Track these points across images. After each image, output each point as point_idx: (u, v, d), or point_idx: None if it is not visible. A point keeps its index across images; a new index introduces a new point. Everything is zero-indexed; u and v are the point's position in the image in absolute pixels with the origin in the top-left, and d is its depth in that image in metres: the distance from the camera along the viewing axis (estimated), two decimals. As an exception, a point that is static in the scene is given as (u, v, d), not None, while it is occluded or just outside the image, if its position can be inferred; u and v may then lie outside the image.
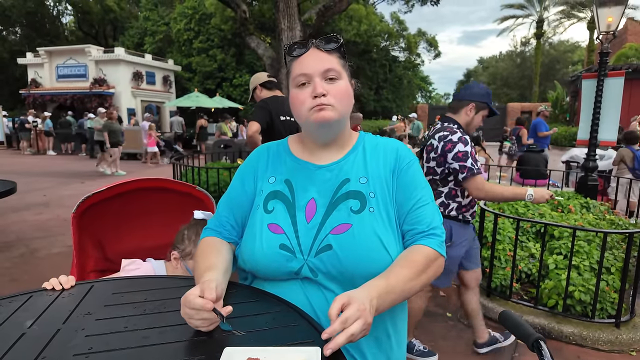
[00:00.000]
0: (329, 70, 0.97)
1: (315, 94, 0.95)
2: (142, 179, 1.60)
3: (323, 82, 0.97)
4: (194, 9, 20.53)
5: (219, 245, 1.06)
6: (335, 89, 0.97)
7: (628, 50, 17.39)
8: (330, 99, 0.96)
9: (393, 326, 1.05)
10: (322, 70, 0.97)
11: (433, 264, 0.96)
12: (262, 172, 1.09)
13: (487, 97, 2.35)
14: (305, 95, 0.97)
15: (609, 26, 4.68)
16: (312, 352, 0.73)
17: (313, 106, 0.96)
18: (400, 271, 0.91)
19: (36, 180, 9.22)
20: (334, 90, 0.97)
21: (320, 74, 0.97)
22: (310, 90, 0.97)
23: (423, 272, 0.93)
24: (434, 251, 0.97)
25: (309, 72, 0.97)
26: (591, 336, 2.68)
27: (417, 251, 0.96)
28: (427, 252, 0.96)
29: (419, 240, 0.99)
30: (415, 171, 1.06)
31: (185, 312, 0.81)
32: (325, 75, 0.97)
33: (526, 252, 3.46)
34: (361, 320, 0.75)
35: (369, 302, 0.79)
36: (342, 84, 0.99)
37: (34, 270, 3.92)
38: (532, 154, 7.22)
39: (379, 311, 0.84)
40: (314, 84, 0.96)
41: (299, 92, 0.98)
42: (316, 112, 0.96)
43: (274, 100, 3.10)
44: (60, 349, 0.76)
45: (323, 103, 0.95)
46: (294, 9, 6.65)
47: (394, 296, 0.88)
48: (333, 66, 0.98)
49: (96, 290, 1.04)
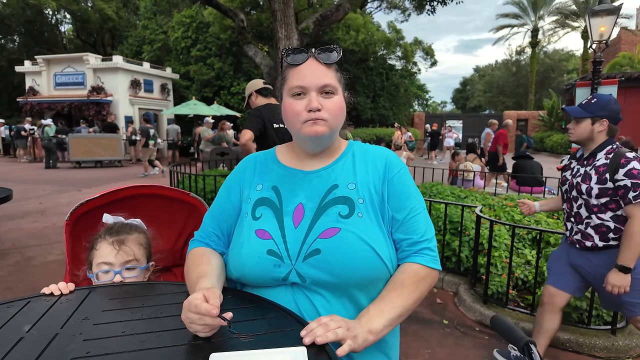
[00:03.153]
0: (325, 86, 0.98)
1: (310, 108, 0.97)
2: (135, 186, 1.60)
3: (319, 97, 0.98)
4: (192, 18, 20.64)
5: (208, 253, 1.06)
6: (330, 104, 0.99)
7: (622, 59, 17.58)
8: (324, 114, 0.98)
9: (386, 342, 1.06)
10: (319, 85, 0.98)
11: (425, 283, 1.00)
12: (249, 180, 1.10)
13: None
14: (300, 107, 0.98)
15: (601, 35, 4.76)
16: (298, 352, 0.74)
17: (307, 119, 0.98)
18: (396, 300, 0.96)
19: (32, 187, 9.19)
20: (329, 105, 0.98)
21: (317, 88, 0.98)
22: (305, 102, 0.98)
23: (416, 295, 0.98)
24: (425, 269, 1.01)
25: (305, 85, 0.98)
26: (587, 343, 2.69)
27: (410, 273, 1.00)
28: (419, 271, 1.00)
29: (411, 257, 1.02)
30: (406, 180, 1.07)
31: (187, 316, 0.81)
32: (322, 90, 0.98)
33: (522, 259, 3.47)
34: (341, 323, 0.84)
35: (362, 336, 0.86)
36: (336, 99, 1.00)
37: (29, 278, 3.90)
38: (527, 161, 7.26)
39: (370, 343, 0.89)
40: (310, 98, 0.97)
41: (294, 102, 0.99)
42: (309, 125, 0.98)
43: (268, 108, 3.12)
44: (58, 353, 0.77)
45: (317, 118, 0.97)
46: (291, 18, 6.71)
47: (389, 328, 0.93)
48: (330, 82, 0.99)
49: (94, 296, 1.04)
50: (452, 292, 3.68)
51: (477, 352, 2.71)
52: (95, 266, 1.31)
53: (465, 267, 3.74)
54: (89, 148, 13.74)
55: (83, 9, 27.34)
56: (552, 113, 21.67)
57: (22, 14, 25.58)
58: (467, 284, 3.59)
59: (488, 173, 7.85)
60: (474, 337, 2.91)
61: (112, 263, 1.29)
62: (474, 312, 3.19)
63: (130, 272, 1.31)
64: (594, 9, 4.83)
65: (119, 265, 1.30)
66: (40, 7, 25.56)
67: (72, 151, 13.48)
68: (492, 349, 2.72)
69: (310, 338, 0.79)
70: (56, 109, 18.12)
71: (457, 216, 3.87)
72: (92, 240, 1.39)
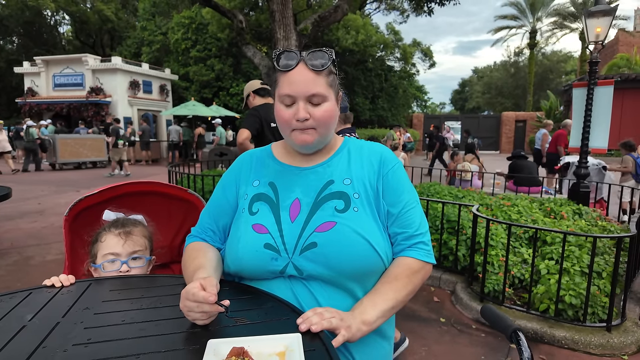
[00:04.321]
0: (314, 96, 0.98)
1: (297, 119, 0.98)
2: (134, 182, 1.61)
3: (307, 106, 0.99)
4: (191, 19, 20.69)
5: (204, 247, 1.08)
6: (319, 113, 0.99)
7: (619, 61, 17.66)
8: (312, 123, 0.99)
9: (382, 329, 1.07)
10: (307, 95, 0.98)
11: (418, 277, 1.04)
12: (246, 177, 1.12)
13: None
14: (289, 115, 0.99)
15: (597, 36, 4.79)
16: (293, 338, 0.76)
17: (295, 128, 1.00)
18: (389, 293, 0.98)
19: (31, 188, 9.20)
20: (318, 114, 0.99)
21: (306, 97, 0.98)
22: (294, 111, 0.99)
23: (409, 288, 1.01)
24: (419, 263, 1.04)
25: (293, 95, 0.98)
26: (583, 340, 2.71)
27: (404, 267, 1.03)
28: (412, 265, 1.03)
29: (406, 251, 1.05)
30: (400, 175, 1.09)
31: (185, 304, 0.83)
32: (310, 99, 0.98)
33: (519, 258, 3.49)
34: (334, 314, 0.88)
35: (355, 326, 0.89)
36: (326, 106, 1.00)
37: (27, 277, 3.91)
38: (523, 162, 7.28)
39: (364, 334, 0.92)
40: (298, 108, 0.98)
41: (284, 110, 1.00)
42: (298, 134, 1.00)
43: (265, 108, 3.15)
44: (60, 339, 0.79)
45: (305, 127, 0.99)
46: (289, 19, 6.74)
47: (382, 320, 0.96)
48: (318, 90, 0.98)
49: (94, 287, 1.07)
50: (449, 291, 3.70)
51: (474, 350, 2.74)
52: (101, 257, 1.33)
53: (462, 265, 3.76)
54: (75, 149, 13.78)
55: (82, 10, 27.37)
56: (550, 114, 21.74)
57: (21, 15, 25.60)
58: (464, 282, 3.61)
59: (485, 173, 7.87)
60: (470, 335, 2.93)
61: (118, 253, 1.32)
62: (471, 310, 3.22)
63: (136, 261, 1.34)
64: (590, 9, 4.86)
65: (125, 255, 1.32)
66: (39, 8, 25.58)
67: (60, 152, 13.48)
68: (488, 346, 2.75)
69: (306, 325, 0.82)
70: (55, 110, 18.13)
71: (454, 215, 3.89)
72: (95, 233, 1.42)
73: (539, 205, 4.71)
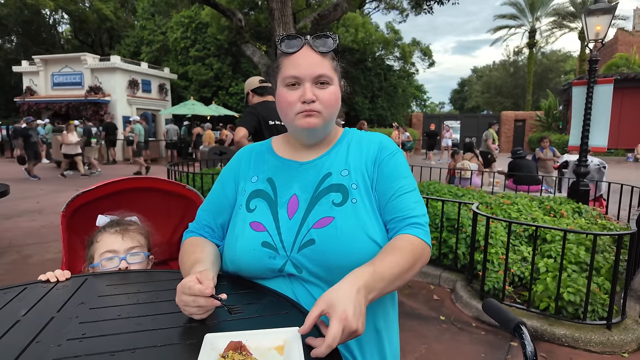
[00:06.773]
0: (321, 76, 0.96)
1: (304, 100, 0.95)
2: (131, 178, 1.60)
3: (313, 87, 0.96)
4: (190, 18, 20.67)
5: (202, 242, 1.06)
6: (325, 95, 0.96)
7: (618, 60, 17.69)
8: (318, 105, 0.96)
9: (385, 321, 1.04)
10: (314, 76, 0.95)
11: (419, 252, 0.92)
12: (244, 172, 1.09)
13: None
14: (294, 97, 0.96)
15: (597, 34, 4.78)
16: (292, 332, 0.75)
17: (301, 111, 0.96)
18: (387, 257, 0.87)
19: (29, 187, 9.17)
20: (324, 96, 0.96)
21: (312, 78, 0.95)
22: (299, 93, 0.96)
23: (410, 258, 0.89)
24: (418, 239, 0.93)
25: (300, 75, 0.95)
26: (583, 338, 2.70)
27: (402, 239, 0.93)
28: (412, 239, 0.92)
29: (403, 229, 0.95)
30: (398, 161, 1.04)
31: (181, 299, 0.81)
32: (317, 80, 0.96)
33: (519, 256, 3.49)
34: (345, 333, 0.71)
35: (352, 301, 0.74)
36: (332, 89, 0.98)
37: (26, 276, 3.89)
38: (523, 161, 7.29)
39: (369, 300, 0.79)
40: (304, 89, 0.95)
41: (288, 92, 0.97)
42: (303, 117, 0.96)
43: (264, 105, 3.15)
44: (55, 334, 0.78)
45: (311, 109, 0.95)
46: (289, 17, 6.72)
47: (383, 283, 0.83)
48: (325, 72, 0.96)
49: (90, 282, 1.05)
50: (449, 289, 3.69)
51: (474, 347, 2.73)
52: (99, 256, 1.32)
53: (462, 264, 3.75)
54: None
55: (81, 9, 27.33)
56: (549, 113, 21.75)
57: (19, 14, 25.55)
58: (463, 280, 3.60)
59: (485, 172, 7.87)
60: (470, 333, 2.92)
61: (116, 250, 1.32)
62: (471, 308, 3.21)
63: (134, 257, 1.33)
64: (590, 8, 4.85)
65: (123, 251, 1.32)
66: (38, 7, 25.54)
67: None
68: (488, 344, 2.74)
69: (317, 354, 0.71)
70: (54, 109, 18.09)
71: (454, 213, 3.88)
72: (92, 235, 1.41)
73: (538, 203, 4.71)
